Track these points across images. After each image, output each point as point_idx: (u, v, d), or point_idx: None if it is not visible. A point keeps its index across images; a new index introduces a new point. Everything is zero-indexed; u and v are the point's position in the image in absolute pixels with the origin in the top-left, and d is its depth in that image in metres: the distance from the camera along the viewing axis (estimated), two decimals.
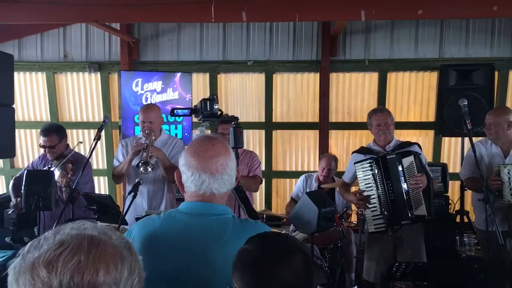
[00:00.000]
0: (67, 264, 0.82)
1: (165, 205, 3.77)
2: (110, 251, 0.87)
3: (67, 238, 0.87)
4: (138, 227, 1.60)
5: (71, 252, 0.83)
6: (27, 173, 3.56)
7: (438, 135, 5.83)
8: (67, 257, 0.83)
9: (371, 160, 3.50)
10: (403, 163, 3.41)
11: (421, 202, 3.40)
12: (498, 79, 5.63)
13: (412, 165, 3.41)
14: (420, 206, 3.41)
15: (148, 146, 3.54)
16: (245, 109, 6.16)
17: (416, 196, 3.41)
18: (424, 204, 3.40)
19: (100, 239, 0.89)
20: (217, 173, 1.54)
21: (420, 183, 3.37)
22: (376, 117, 3.67)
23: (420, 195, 3.41)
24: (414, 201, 3.40)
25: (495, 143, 3.75)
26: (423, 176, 3.40)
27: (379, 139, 3.69)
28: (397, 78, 5.94)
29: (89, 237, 0.88)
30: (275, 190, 6.28)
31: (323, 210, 3.24)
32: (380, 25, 5.85)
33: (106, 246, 0.88)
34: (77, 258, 0.83)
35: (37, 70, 6.23)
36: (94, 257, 0.84)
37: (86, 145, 6.12)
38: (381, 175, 3.45)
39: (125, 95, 5.55)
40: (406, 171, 3.40)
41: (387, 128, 3.66)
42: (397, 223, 3.44)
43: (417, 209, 3.40)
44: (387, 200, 3.45)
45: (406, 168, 3.41)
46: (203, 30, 6.06)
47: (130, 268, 0.90)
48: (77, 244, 0.85)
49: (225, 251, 1.49)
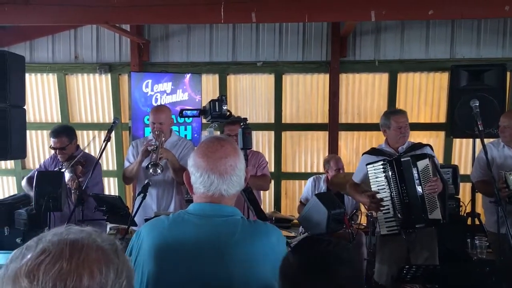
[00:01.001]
0: (48, 273, 0.81)
1: (174, 206, 3.77)
2: (93, 255, 0.86)
3: (49, 246, 0.85)
4: (147, 229, 1.59)
5: (52, 260, 0.82)
6: (38, 174, 3.59)
7: (449, 137, 5.77)
8: (48, 265, 0.82)
9: (385, 162, 3.47)
10: (418, 166, 3.38)
11: (436, 206, 3.38)
12: (510, 80, 5.57)
13: (427, 169, 3.38)
14: (435, 210, 3.38)
15: (157, 147, 3.55)
16: (255, 110, 6.15)
17: (431, 199, 3.38)
18: (439, 208, 3.38)
19: (83, 243, 0.88)
20: (226, 174, 1.53)
21: (436, 188, 3.34)
22: (397, 119, 3.61)
23: (435, 199, 3.38)
24: (429, 204, 3.37)
25: (508, 145, 3.70)
26: (438, 180, 3.38)
27: (398, 141, 3.63)
28: (408, 79, 5.90)
29: (71, 242, 0.87)
30: (284, 192, 6.26)
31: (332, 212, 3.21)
32: (390, 25, 5.81)
33: (90, 250, 0.87)
34: (58, 265, 0.82)
35: (48, 72, 6.28)
36: (78, 263, 0.83)
37: (97, 146, 6.17)
38: (395, 177, 3.43)
39: (135, 96, 5.58)
40: (421, 174, 3.38)
41: (406, 130, 3.63)
42: (411, 227, 3.41)
43: (432, 213, 3.38)
44: (401, 203, 3.42)
45: (421, 171, 3.38)
46: (213, 31, 6.07)
47: (117, 271, 0.88)
48: (59, 251, 0.84)
49: (235, 252, 1.49)
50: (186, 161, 1.67)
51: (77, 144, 4.05)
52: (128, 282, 0.91)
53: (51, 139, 3.91)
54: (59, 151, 3.88)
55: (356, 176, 3.88)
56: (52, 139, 3.89)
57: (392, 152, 3.63)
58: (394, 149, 3.65)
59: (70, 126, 4.13)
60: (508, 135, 3.65)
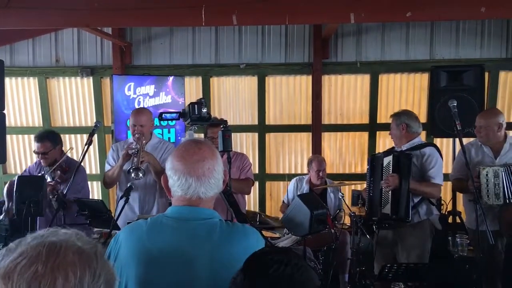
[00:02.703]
0: (23, 275, 0.82)
1: (157, 209, 3.76)
2: (70, 259, 0.87)
3: (27, 248, 0.86)
4: (125, 233, 1.59)
5: (28, 262, 0.83)
6: (19, 179, 3.55)
7: (429, 136, 5.85)
8: (24, 268, 0.83)
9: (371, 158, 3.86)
10: (384, 162, 3.63)
11: (388, 201, 3.59)
12: (488, 80, 5.67)
13: (388, 165, 3.60)
14: (387, 205, 3.60)
15: (138, 150, 3.53)
16: (238, 112, 6.17)
17: (385, 194, 3.63)
18: (389, 204, 3.57)
19: (61, 246, 0.88)
20: (203, 177, 1.54)
21: (389, 183, 3.55)
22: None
23: (388, 194, 3.60)
24: (383, 199, 3.62)
25: (486, 145, 3.77)
26: (393, 176, 3.54)
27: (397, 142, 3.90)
28: (389, 80, 5.97)
29: (49, 245, 0.88)
30: (269, 193, 6.28)
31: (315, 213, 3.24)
32: (371, 27, 5.88)
33: (67, 253, 0.87)
34: (33, 268, 0.83)
35: (29, 75, 6.21)
36: (53, 266, 0.84)
37: (79, 150, 6.11)
38: (370, 173, 3.76)
39: (117, 99, 5.55)
40: (384, 170, 3.63)
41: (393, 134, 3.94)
42: (369, 220, 3.71)
43: (385, 207, 3.61)
44: (367, 197, 3.77)
45: (385, 167, 3.62)
46: (195, 34, 6.06)
47: (94, 274, 0.88)
48: (35, 253, 0.85)
49: (213, 255, 1.49)
50: None
51: (62, 150, 4.03)
52: (108, 285, 0.91)
53: (34, 143, 3.90)
54: (42, 156, 3.86)
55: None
56: (36, 144, 3.88)
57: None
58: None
59: (55, 132, 4.12)
60: (484, 135, 3.72)
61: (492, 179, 3.54)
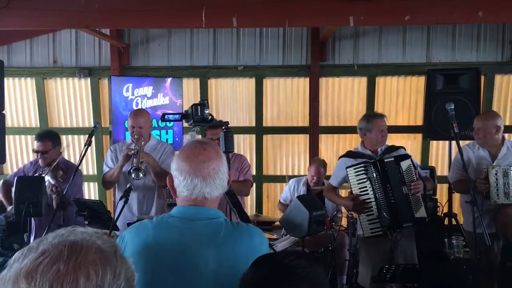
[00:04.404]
0: (46, 274, 0.82)
1: (156, 210, 3.76)
2: (91, 257, 0.87)
3: (49, 247, 0.87)
4: (131, 233, 1.60)
5: (50, 261, 0.84)
6: (18, 180, 3.55)
7: (426, 139, 5.90)
8: (46, 267, 0.83)
9: (367, 164, 3.52)
10: (401, 166, 3.45)
11: (420, 204, 3.46)
12: (484, 83, 5.72)
13: (410, 168, 3.46)
14: (420, 209, 3.46)
15: (138, 151, 3.53)
16: (236, 114, 6.19)
17: (416, 198, 3.47)
18: (423, 206, 3.47)
19: (83, 245, 0.89)
20: (209, 177, 1.55)
21: (420, 187, 3.43)
22: (380, 122, 3.69)
23: (419, 197, 3.47)
24: (414, 203, 3.45)
25: (483, 147, 3.80)
26: (419, 180, 3.46)
27: (377, 143, 3.70)
28: (386, 82, 6.02)
29: (70, 244, 0.88)
30: (266, 195, 6.30)
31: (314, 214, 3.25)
32: (368, 30, 5.92)
33: (88, 251, 0.88)
34: (56, 267, 0.83)
35: (27, 76, 6.20)
36: (75, 265, 0.84)
37: (77, 151, 6.12)
38: (379, 178, 3.46)
39: (115, 101, 5.55)
40: (405, 174, 3.45)
41: (386, 133, 3.72)
42: (398, 227, 3.45)
43: (418, 211, 3.45)
44: (387, 203, 3.46)
45: (405, 171, 3.45)
46: (193, 36, 6.08)
47: (115, 272, 0.89)
48: (57, 252, 0.85)
49: (218, 254, 1.51)
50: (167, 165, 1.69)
51: (61, 152, 4.03)
52: (128, 283, 0.92)
53: (35, 142, 3.92)
54: (41, 155, 3.86)
55: (333, 179, 3.91)
56: (36, 142, 3.89)
57: (371, 154, 3.69)
58: (373, 151, 3.72)
59: (55, 132, 4.13)
60: (482, 137, 3.75)
61: (501, 178, 3.56)
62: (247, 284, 1.26)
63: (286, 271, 1.22)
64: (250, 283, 1.25)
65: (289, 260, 1.25)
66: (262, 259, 1.31)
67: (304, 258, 1.27)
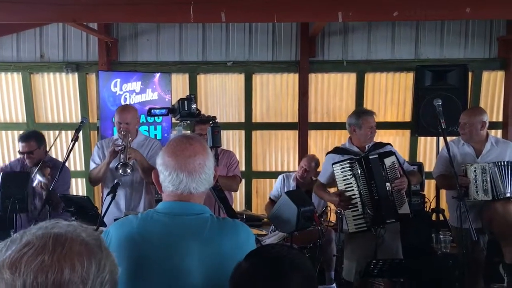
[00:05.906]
0: (30, 264, 0.82)
1: (144, 206, 3.75)
2: (76, 249, 0.87)
3: (33, 239, 0.87)
4: (115, 228, 1.59)
5: (35, 252, 0.84)
6: (3, 176, 3.53)
7: (414, 135, 5.94)
8: (30, 258, 0.83)
9: (352, 161, 3.54)
10: (385, 163, 3.48)
11: (404, 201, 3.49)
12: (471, 80, 5.77)
13: (394, 165, 3.49)
14: (404, 205, 3.49)
15: (125, 147, 3.51)
16: (225, 110, 6.17)
17: (399, 195, 3.49)
18: (406, 203, 3.49)
19: (67, 236, 0.89)
20: (194, 172, 1.55)
21: (404, 184, 3.47)
22: (370, 119, 3.71)
23: (403, 194, 3.50)
24: (397, 200, 3.48)
25: (468, 142, 3.83)
26: (403, 177, 3.49)
27: (366, 140, 3.72)
28: (375, 78, 6.03)
29: (55, 236, 0.88)
30: (255, 190, 6.30)
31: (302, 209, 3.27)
32: (357, 26, 5.93)
33: (73, 243, 0.88)
34: (40, 257, 0.83)
35: (13, 71, 6.12)
36: (59, 256, 0.84)
37: (63, 146, 6.06)
38: (364, 175, 3.49)
39: (103, 96, 5.50)
40: (388, 170, 3.48)
41: (375, 130, 3.76)
42: (382, 222, 3.49)
43: (401, 207, 3.48)
44: (371, 200, 3.49)
45: (388, 167, 3.48)
46: (182, 31, 6.04)
47: (99, 264, 0.89)
48: (42, 244, 0.86)
49: (204, 249, 1.50)
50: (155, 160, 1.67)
51: (46, 150, 4.00)
52: (111, 276, 0.92)
53: (19, 143, 3.87)
54: (27, 156, 3.83)
55: (322, 176, 3.94)
56: (21, 144, 3.85)
57: (357, 151, 3.71)
58: (360, 148, 3.74)
59: (39, 132, 4.11)
60: (467, 132, 3.78)
61: (480, 175, 3.60)
62: (243, 276, 1.27)
63: (283, 261, 1.25)
64: (247, 275, 1.26)
65: (287, 251, 1.29)
66: (258, 251, 1.34)
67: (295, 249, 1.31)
